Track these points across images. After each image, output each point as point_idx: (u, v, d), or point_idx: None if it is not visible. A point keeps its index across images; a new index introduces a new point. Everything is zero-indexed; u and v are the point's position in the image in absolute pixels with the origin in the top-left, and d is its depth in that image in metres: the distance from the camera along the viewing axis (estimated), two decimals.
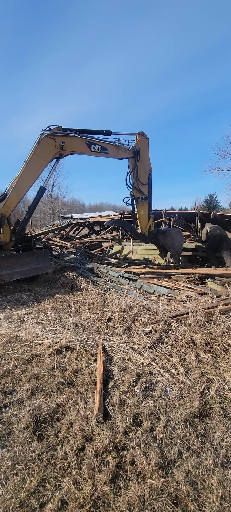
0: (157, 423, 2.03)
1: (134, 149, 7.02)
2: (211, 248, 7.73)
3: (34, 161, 6.11)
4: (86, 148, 6.57)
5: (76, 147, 6.55)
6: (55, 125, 6.29)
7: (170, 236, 7.21)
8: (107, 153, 6.83)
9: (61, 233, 13.76)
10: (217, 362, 2.92)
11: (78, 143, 6.54)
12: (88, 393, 2.40)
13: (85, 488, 1.55)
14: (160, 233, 7.29)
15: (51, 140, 6.21)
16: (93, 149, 6.64)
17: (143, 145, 7.19)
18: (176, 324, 3.64)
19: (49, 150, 6.24)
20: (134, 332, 3.58)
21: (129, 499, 1.48)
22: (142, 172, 7.14)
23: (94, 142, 6.66)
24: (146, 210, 7.27)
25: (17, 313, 4.34)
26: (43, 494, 1.53)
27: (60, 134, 6.31)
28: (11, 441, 1.89)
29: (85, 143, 6.55)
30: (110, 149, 6.85)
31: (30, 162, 6.07)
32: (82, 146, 6.55)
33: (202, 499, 1.50)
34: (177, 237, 7.29)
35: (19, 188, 6.11)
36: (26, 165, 6.04)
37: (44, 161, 6.27)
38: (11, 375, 2.70)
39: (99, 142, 6.71)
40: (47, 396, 2.37)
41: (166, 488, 1.55)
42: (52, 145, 6.23)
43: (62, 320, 4.03)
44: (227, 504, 1.47)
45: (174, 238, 7.22)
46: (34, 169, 6.19)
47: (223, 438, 1.91)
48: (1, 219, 5.94)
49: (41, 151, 6.15)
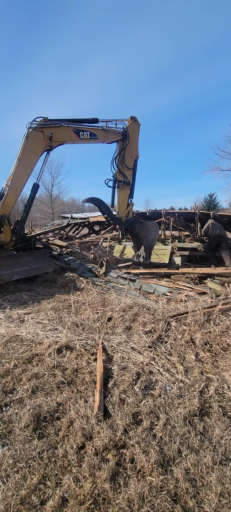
0: (157, 422, 2.05)
1: (123, 131, 7.02)
2: (210, 247, 7.74)
3: (25, 156, 6.06)
4: (75, 136, 6.57)
5: (65, 137, 6.52)
6: (41, 117, 6.23)
7: (146, 227, 7.13)
8: (96, 138, 6.82)
9: (61, 233, 13.76)
10: (216, 361, 2.93)
11: (66, 132, 6.51)
12: (88, 392, 2.42)
13: (85, 485, 1.56)
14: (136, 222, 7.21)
15: (39, 132, 6.15)
16: (82, 136, 6.64)
17: (134, 130, 7.19)
18: (175, 324, 3.66)
19: (39, 143, 6.20)
20: (134, 331, 3.60)
21: (128, 496, 1.50)
22: (128, 156, 7.13)
23: (82, 129, 6.65)
24: (126, 195, 7.26)
25: (17, 313, 4.35)
26: (44, 492, 1.54)
27: (48, 125, 6.25)
28: (12, 439, 1.91)
29: (73, 131, 6.53)
30: (99, 134, 6.83)
31: (22, 158, 6.02)
32: (71, 134, 6.53)
33: (201, 496, 1.52)
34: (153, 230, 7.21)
35: (14, 186, 6.09)
36: (18, 161, 6.01)
37: (35, 155, 6.23)
38: (11, 374, 2.71)
39: (87, 128, 6.71)
40: (47, 395, 2.39)
41: (165, 485, 1.56)
42: (41, 138, 6.18)
43: (62, 319, 4.04)
44: (226, 501, 1.49)
45: (149, 230, 7.14)
46: (27, 165, 6.14)
47: (222, 436, 1.92)
48: (1, 219, 5.94)
49: (31, 145, 6.10)
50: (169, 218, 10.28)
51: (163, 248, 8.56)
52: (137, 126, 7.30)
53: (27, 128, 6.06)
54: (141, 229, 7.10)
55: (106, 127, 6.89)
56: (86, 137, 6.67)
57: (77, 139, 6.60)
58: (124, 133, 7.02)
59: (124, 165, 7.07)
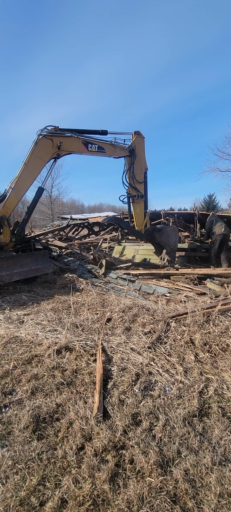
0: (156, 422, 2.05)
1: (130, 148, 7.15)
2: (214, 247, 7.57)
3: (32, 161, 6.17)
4: (84, 147, 6.68)
5: (73, 147, 6.65)
6: (52, 126, 6.37)
7: (166, 234, 7.30)
8: (104, 152, 6.95)
9: (60, 233, 13.76)
10: (215, 362, 2.94)
11: (75, 143, 6.64)
12: (87, 393, 2.42)
13: (85, 486, 1.56)
14: (155, 231, 7.36)
15: (49, 140, 6.28)
16: (90, 148, 6.75)
17: (139, 144, 7.31)
18: (175, 324, 3.66)
19: (47, 151, 6.32)
20: (133, 332, 3.60)
21: (128, 497, 1.50)
22: (138, 170, 7.26)
23: (91, 141, 6.76)
24: (142, 208, 7.38)
25: (17, 314, 4.35)
26: (43, 493, 1.54)
27: (58, 134, 6.38)
28: (11, 440, 1.91)
29: (82, 143, 6.65)
30: (107, 148, 6.96)
31: (28, 163, 6.12)
32: (80, 146, 6.65)
33: (200, 497, 1.52)
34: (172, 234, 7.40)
35: (18, 189, 6.16)
36: (24, 165, 6.10)
37: (42, 161, 6.33)
38: (11, 375, 2.71)
39: (96, 141, 6.82)
40: (47, 396, 2.39)
41: (164, 486, 1.56)
42: (49, 146, 6.30)
43: (61, 320, 4.04)
44: (225, 501, 1.49)
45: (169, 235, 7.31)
46: (32, 170, 6.24)
47: (221, 436, 1.93)
48: (1, 220, 5.98)
49: (39, 151, 6.21)
50: (169, 218, 10.29)
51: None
52: (142, 139, 7.44)
53: (37, 134, 6.17)
54: (161, 236, 7.29)
55: (115, 142, 7.03)
56: (94, 150, 6.81)
57: (85, 151, 6.72)
58: (131, 149, 7.19)
59: (135, 180, 7.21)
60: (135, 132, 7.32)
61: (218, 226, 7.63)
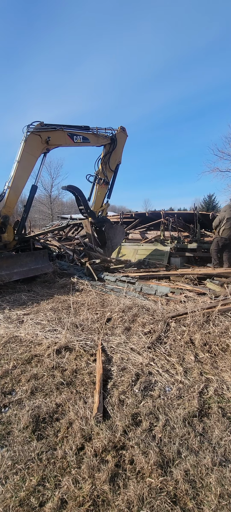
0: (156, 423, 2.05)
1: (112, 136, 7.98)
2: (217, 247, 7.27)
3: (24, 159, 6.40)
4: (70, 140, 7.22)
5: (60, 140, 7.09)
6: (38, 121, 6.64)
7: (114, 230, 7.83)
8: (88, 142, 7.59)
9: (60, 233, 13.74)
10: (215, 362, 2.93)
11: (61, 136, 7.08)
12: (87, 393, 2.41)
13: (84, 487, 1.56)
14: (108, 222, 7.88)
15: (37, 136, 6.55)
16: (76, 140, 7.33)
17: (121, 138, 8.23)
18: (174, 324, 3.65)
19: (37, 146, 6.61)
20: (133, 332, 3.60)
21: (128, 498, 1.50)
22: (112, 159, 8.09)
23: (76, 133, 7.32)
24: (103, 193, 8.04)
25: (17, 314, 4.34)
26: (43, 493, 1.53)
27: (45, 129, 6.69)
28: (11, 440, 1.90)
29: (67, 135, 7.16)
30: (91, 138, 7.61)
31: (21, 161, 6.36)
32: (66, 138, 7.16)
33: (200, 498, 1.51)
34: (119, 235, 7.91)
35: (15, 187, 6.36)
36: (17, 164, 6.29)
37: (33, 157, 6.61)
38: (10, 375, 2.70)
39: (80, 133, 7.39)
40: (46, 396, 2.38)
41: (164, 486, 1.56)
42: (38, 141, 6.59)
43: (61, 320, 4.04)
44: (226, 502, 1.48)
45: (116, 234, 7.81)
46: (26, 167, 6.52)
47: (221, 437, 1.92)
48: (5, 220, 6.22)
49: (30, 148, 6.46)
50: (168, 219, 10.29)
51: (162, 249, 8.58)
52: (125, 136, 8.35)
53: (25, 131, 6.43)
54: (110, 229, 7.81)
55: (96, 131, 7.68)
56: (79, 141, 7.39)
57: (72, 142, 7.27)
58: (113, 137, 7.98)
59: (108, 166, 7.98)
60: (121, 127, 8.19)
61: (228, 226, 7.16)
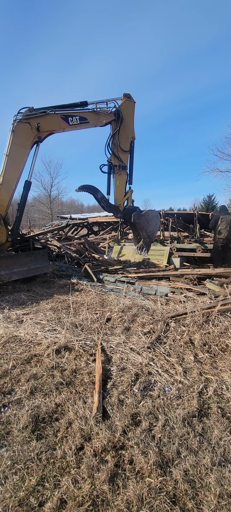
0: (156, 423, 2.05)
1: (116, 111, 6.48)
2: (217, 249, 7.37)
3: (13, 151, 5.69)
4: (64, 123, 6.14)
5: (53, 125, 6.10)
6: (26, 107, 5.85)
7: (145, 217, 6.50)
8: (87, 122, 6.35)
9: (60, 233, 13.75)
10: (215, 362, 2.93)
11: (54, 120, 6.07)
12: (87, 393, 2.41)
13: (84, 487, 1.56)
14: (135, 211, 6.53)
15: (26, 124, 5.75)
16: (72, 122, 6.19)
17: (128, 109, 6.61)
18: (174, 324, 3.66)
19: (27, 136, 5.81)
20: (133, 332, 3.60)
21: (127, 498, 1.49)
22: (123, 137, 6.57)
23: (71, 114, 6.18)
24: (123, 181, 6.67)
25: (16, 313, 4.33)
26: (42, 493, 1.53)
27: (33, 115, 5.85)
28: (10, 440, 1.90)
29: (61, 117, 6.10)
30: (89, 117, 6.35)
31: (10, 154, 5.66)
32: (59, 121, 6.11)
33: (200, 498, 1.51)
34: (153, 220, 6.60)
35: (6, 184, 5.73)
36: (6, 158, 5.63)
37: (24, 148, 5.84)
38: (10, 375, 2.70)
39: (76, 113, 6.23)
40: (46, 396, 2.38)
41: (164, 486, 1.56)
42: (28, 130, 5.79)
43: (61, 320, 4.03)
44: (225, 502, 1.48)
45: (149, 220, 6.54)
46: (16, 160, 5.77)
47: (221, 437, 1.92)
48: None
49: (18, 139, 5.71)
50: (168, 219, 10.28)
51: (162, 249, 8.58)
52: (132, 103, 6.70)
53: (12, 121, 5.67)
54: (140, 218, 6.46)
55: (96, 108, 6.39)
56: (76, 122, 6.21)
57: (67, 125, 6.16)
58: (117, 112, 6.45)
59: (119, 147, 6.50)
60: (125, 95, 6.61)
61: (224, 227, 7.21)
